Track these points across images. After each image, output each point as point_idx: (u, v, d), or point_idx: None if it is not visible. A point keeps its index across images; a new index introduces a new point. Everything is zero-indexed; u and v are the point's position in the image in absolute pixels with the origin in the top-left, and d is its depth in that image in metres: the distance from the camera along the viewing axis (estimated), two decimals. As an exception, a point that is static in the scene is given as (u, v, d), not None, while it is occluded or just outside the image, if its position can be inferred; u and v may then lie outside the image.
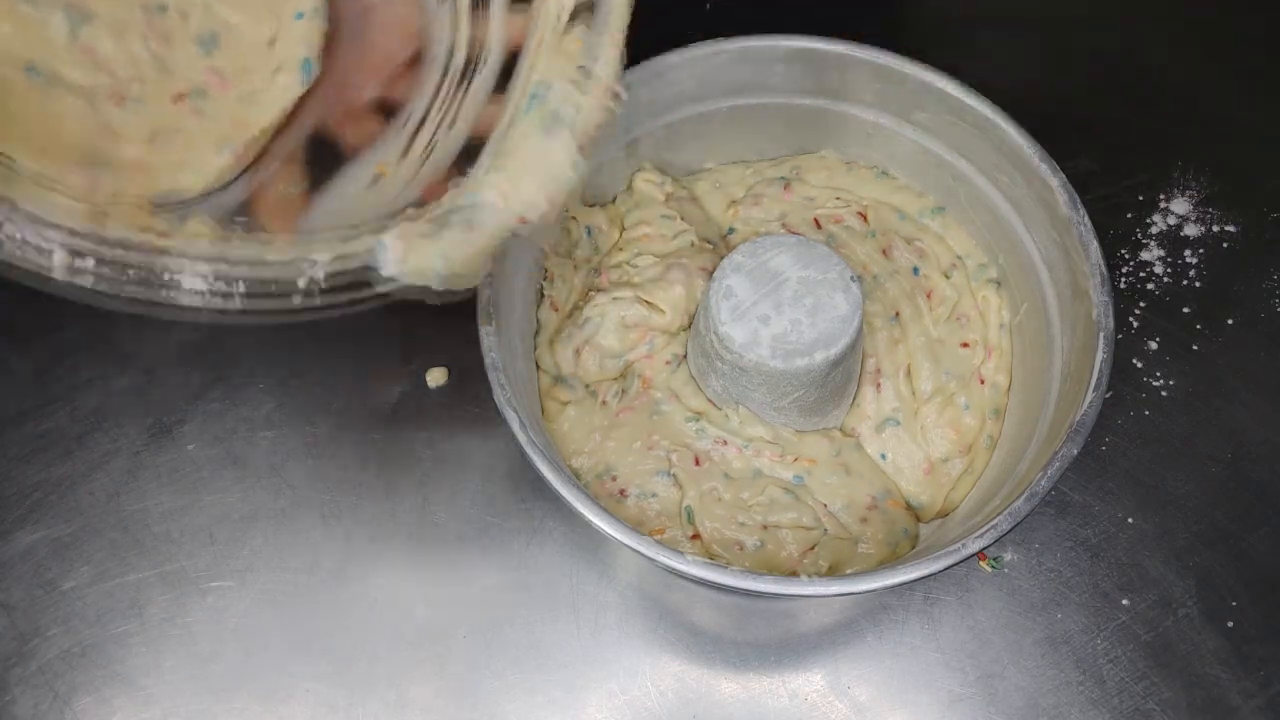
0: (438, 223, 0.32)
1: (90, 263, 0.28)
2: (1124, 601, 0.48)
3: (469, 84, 0.39)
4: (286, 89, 0.36)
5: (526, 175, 0.33)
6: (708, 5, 0.64)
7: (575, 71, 0.35)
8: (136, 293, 0.29)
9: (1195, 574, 0.49)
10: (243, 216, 0.35)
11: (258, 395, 0.52)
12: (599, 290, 0.48)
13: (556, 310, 0.48)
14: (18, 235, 0.28)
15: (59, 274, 0.28)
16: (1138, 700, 0.46)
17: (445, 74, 0.39)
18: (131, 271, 0.29)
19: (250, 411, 0.52)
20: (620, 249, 0.50)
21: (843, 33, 0.47)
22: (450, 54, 0.39)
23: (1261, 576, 0.48)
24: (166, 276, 0.29)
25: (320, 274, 0.30)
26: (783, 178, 0.52)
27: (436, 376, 0.53)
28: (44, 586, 0.48)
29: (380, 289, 0.32)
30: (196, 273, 0.29)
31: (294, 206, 0.37)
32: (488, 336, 0.40)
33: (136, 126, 0.34)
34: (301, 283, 0.30)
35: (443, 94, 0.39)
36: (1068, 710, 0.46)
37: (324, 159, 0.38)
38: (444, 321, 0.53)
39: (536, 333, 0.48)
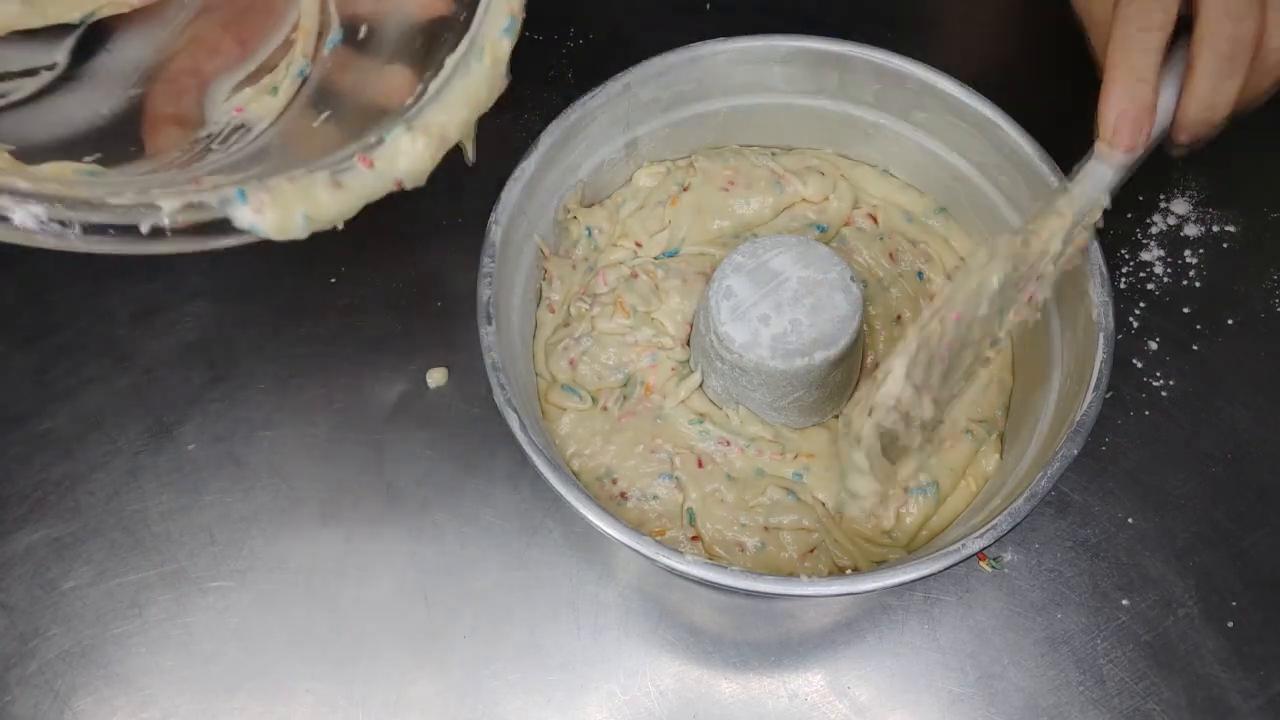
0: (302, 177, 0.31)
1: None
2: (1124, 601, 0.48)
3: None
4: None
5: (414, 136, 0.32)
6: (708, 5, 0.64)
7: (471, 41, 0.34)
8: None
9: (1195, 574, 0.49)
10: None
11: (258, 395, 0.52)
12: (595, 295, 0.48)
13: (553, 313, 0.48)
14: None
15: None
16: (1138, 700, 0.46)
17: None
18: None
19: (250, 411, 0.52)
20: (616, 245, 0.50)
21: (843, 33, 0.47)
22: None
23: (1261, 577, 0.48)
24: None
25: (165, 221, 0.29)
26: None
27: (436, 376, 0.53)
28: (44, 586, 0.48)
29: (233, 240, 0.30)
30: (29, 211, 0.27)
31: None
32: (488, 336, 0.40)
33: None
34: (144, 228, 0.29)
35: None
36: (1068, 710, 0.46)
37: None
38: (444, 321, 0.54)
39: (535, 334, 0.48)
